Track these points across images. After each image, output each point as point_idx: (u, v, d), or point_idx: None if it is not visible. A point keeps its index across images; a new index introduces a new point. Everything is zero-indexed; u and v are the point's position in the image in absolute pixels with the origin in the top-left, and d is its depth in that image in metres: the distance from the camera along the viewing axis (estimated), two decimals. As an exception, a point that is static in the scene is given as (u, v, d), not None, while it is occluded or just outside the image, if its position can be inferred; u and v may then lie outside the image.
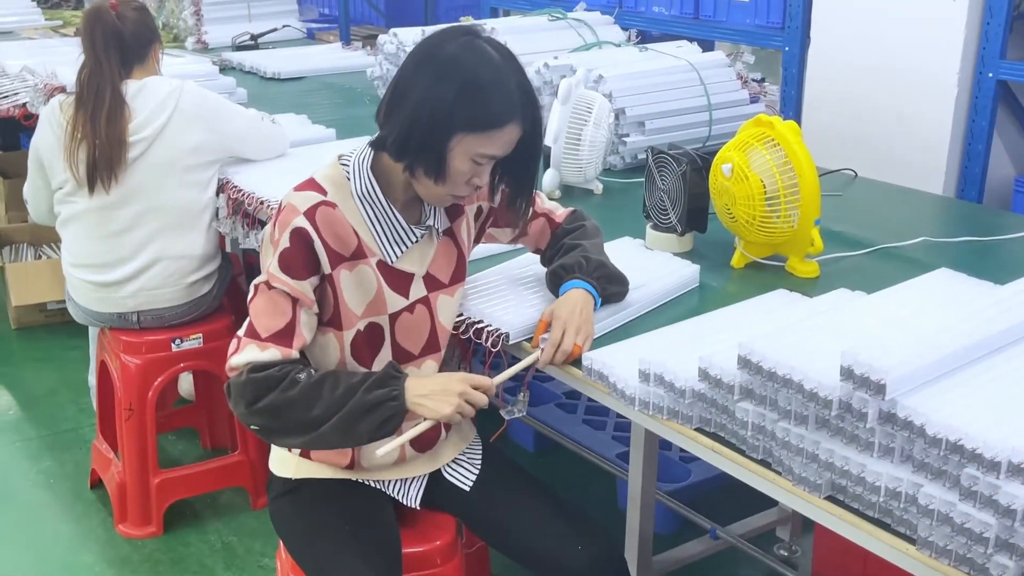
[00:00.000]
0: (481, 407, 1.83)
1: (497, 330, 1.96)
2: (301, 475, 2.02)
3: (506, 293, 2.12)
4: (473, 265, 2.12)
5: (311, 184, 1.86)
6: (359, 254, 1.86)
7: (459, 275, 2.01)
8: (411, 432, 1.83)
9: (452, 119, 1.73)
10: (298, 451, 2.01)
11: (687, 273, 2.18)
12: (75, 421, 3.66)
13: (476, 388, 1.82)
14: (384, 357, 1.94)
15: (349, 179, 1.87)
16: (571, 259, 2.01)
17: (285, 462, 2.04)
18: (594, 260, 2.01)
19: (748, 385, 1.53)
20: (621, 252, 2.23)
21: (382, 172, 1.87)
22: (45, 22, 5.55)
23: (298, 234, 1.80)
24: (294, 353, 1.80)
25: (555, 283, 2.01)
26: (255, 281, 1.84)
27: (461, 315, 2.02)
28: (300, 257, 1.80)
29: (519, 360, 1.94)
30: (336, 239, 1.83)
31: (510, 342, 1.95)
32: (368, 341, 1.91)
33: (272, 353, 1.78)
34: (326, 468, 2.01)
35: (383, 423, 1.78)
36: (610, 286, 2.00)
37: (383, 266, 1.89)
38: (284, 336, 1.80)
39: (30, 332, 4.35)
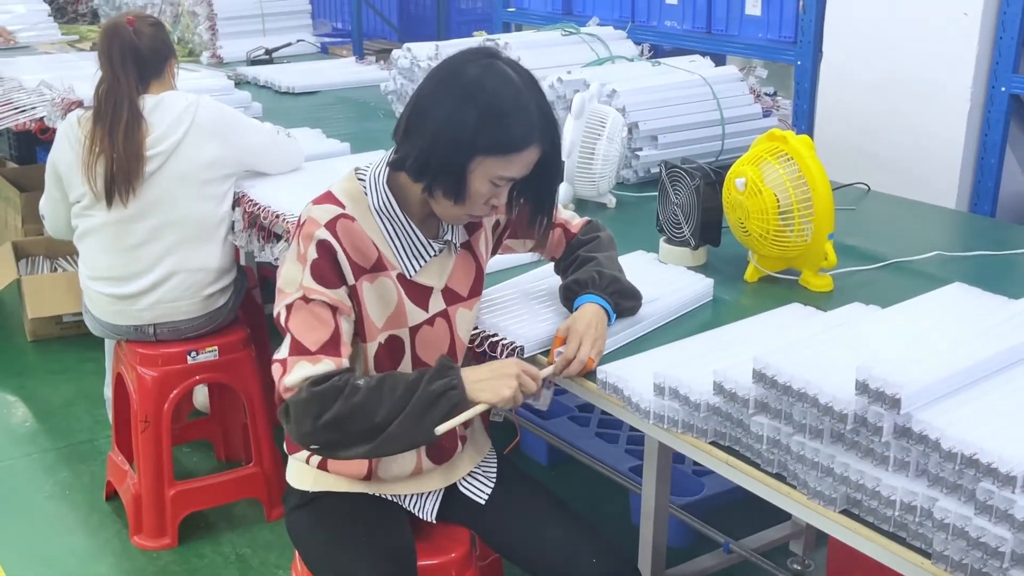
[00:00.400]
0: (531, 392, 1.83)
1: (512, 343, 1.97)
2: (319, 488, 2.03)
3: (520, 306, 2.13)
4: (487, 279, 2.13)
5: (329, 197, 1.88)
6: (379, 267, 1.87)
7: (477, 288, 2.02)
8: (467, 413, 1.80)
9: (473, 142, 1.75)
10: (316, 463, 2.02)
11: (701, 287, 2.18)
12: (91, 433, 3.68)
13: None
14: (404, 370, 1.95)
15: (366, 193, 1.88)
16: (584, 274, 2.02)
17: (303, 474, 2.05)
18: (607, 275, 2.02)
19: (763, 399, 1.54)
20: (635, 265, 2.25)
21: (399, 188, 1.88)
22: (62, 36, 5.60)
23: (323, 245, 1.81)
24: (345, 362, 1.81)
25: (569, 298, 2.03)
26: (285, 302, 1.82)
27: (476, 328, 2.04)
28: (329, 267, 1.81)
29: None
30: (357, 251, 1.84)
31: (524, 355, 1.96)
32: (389, 354, 1.92)
33: (326, 364, 1.78)
34: (343, 481, 2.02)
35: (447, 414, 1.77)
36: (623, 301, 2.01)
37: (403, 279, 1.91)
38: (332, 346, 1.80)
39: (46, 344, 4.38)
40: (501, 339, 1.99)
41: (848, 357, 1.47)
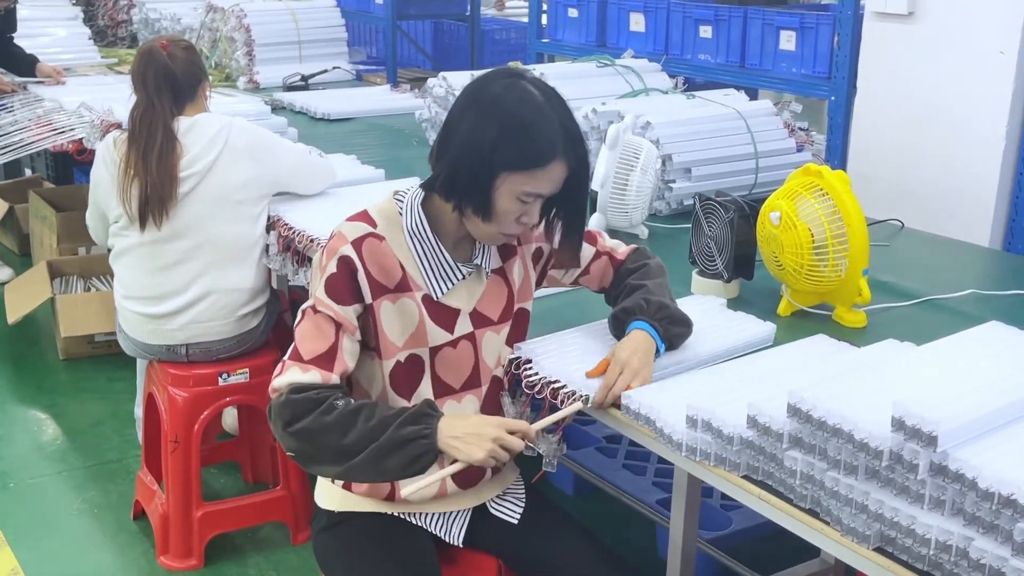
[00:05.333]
0: (517, 452, 1.82)
1: (574, 392, 1.89)
2: (344, 508, 2.03)
3: (585, 354, 2.05)
4: (550, 321, 2.13)
5: (363, 216, 1.92)
6: (403, 287, 1.90)
7: (508, 314, 2.03)
8: (439, 473, 1.81)
9: (495, 159, 1.77)
10: (341, 483, 2.03)
11: (763, 330, 2.12)
12: (120, 452, 3.70)
13: (513, 433, 1.80)
14: (424, 389, 1.96)
15: (401, 214, 1.91)
16: (632, 302, 1.99)
17: (330, 494, 2.06)
18: (655, 302, 1.97)
19: (797, 434, 1.53)
20: (694, 307, 2.17)
21: (433, 210, 1.91)
22: (101, 59, 5.67)
23: (344, 262, 1.85)
24: (334, 378, 1.83)
25: (617, 327, 1.99)
26: (303, 306, 1.89)
27: (537, 374, 1.96)
28: (345, 284, 1.85)
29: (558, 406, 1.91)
30: (380, 271, 1.87)
31: (590, 404, 1.87)
32: (408, 372, 1.94)
33: (313, 376, 1.81)
34: (368, 501, 2.03)
35: (413, 460, 1.77)
36: (672, 327, 1.97)
37: (428, 300, 1.92)
38: (326, 360, 1.83)
39: (77, 363, 4.41)
40: (562, 386, 1.91)
41: (884, 394, 1.46)
